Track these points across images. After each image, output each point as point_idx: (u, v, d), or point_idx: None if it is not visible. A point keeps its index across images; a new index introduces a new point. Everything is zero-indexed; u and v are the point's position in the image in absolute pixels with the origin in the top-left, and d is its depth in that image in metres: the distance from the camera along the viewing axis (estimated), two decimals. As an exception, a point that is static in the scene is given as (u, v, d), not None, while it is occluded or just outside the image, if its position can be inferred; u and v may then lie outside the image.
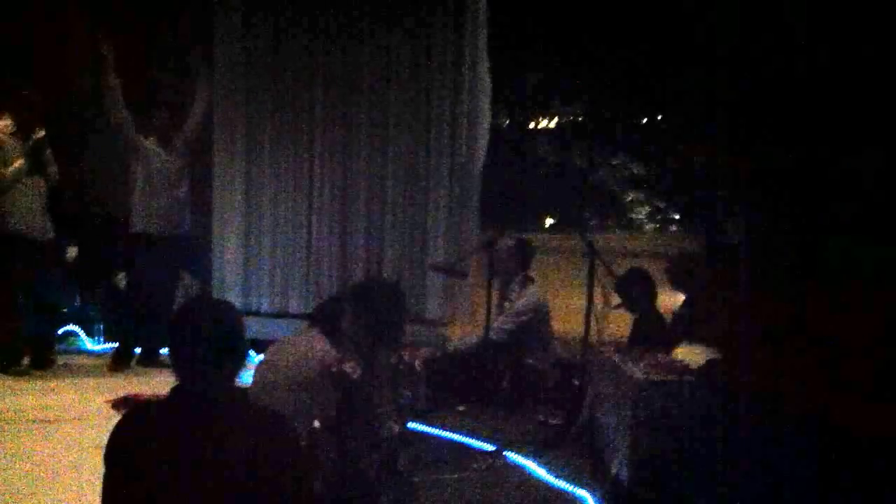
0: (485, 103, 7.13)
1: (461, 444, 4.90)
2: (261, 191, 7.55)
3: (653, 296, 5.42)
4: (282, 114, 7.46)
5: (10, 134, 6.26)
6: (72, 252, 7.48)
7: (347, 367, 3.58)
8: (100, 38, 6.51)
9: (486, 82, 7.09)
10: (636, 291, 5.34)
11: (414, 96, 7.19)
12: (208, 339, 2.31)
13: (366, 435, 3.55)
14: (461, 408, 5.56)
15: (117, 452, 2.33)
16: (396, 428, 3.66)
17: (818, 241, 3.94)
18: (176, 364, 2.36)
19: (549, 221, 9.42)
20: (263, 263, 7.56)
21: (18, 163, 6.20)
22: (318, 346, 4.08)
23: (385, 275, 7.02)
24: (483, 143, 7.14)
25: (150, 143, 6.75)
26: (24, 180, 6.22)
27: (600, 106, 8.98)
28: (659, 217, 9.90)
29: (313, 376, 3.76)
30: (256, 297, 7.53)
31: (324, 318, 4.38)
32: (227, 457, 2.24)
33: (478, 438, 4.93)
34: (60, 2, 7.66)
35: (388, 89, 7.24)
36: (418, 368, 3.70)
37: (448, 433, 5.02)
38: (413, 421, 4.61)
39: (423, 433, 4.95)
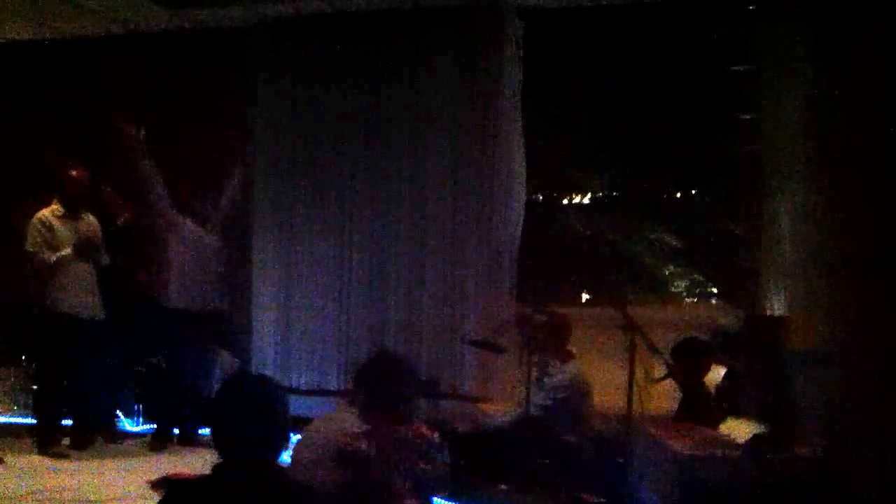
0: (519, 178, 7.17)
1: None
2: (298, 267, 7.62)
3: (707, 369, 5.31)
4: (320, 192, 7.57)
5: (59, 217, 6.37)
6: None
7: (361, 444, 3.55)
8: (128, 123, 6.65)
9: (520, 157, 7.14)
10: (693, 362, 5.23)
11: (449, 172, 7.26)
12: (253, 417, 2.30)
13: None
14: (502, 486, 5.47)
15: (159, 533, 2.32)
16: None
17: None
18: (219, 442, 2.35)
19: (584, 296, 9.38)
20: (301, 340, 7.59)
21: (66, 251, 6.28)
22: (351, 423, 4.06)
23: (422, 352, 7.00)
24: (518, 218, 7.16)
25: (185, 220, 6.83)
26: (73, 262, 6.32)
27: (635, 179, 8.97)
28: (698, 290, 9.81)
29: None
30: (295, 373, 7.55)
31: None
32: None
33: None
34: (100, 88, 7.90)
35: (423, 165, 7.32)
36: (434, 440, 3.62)
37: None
38: (436, 496, 4.51)
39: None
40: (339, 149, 7.53)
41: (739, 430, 4.17)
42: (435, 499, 4.29)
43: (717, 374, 5.33)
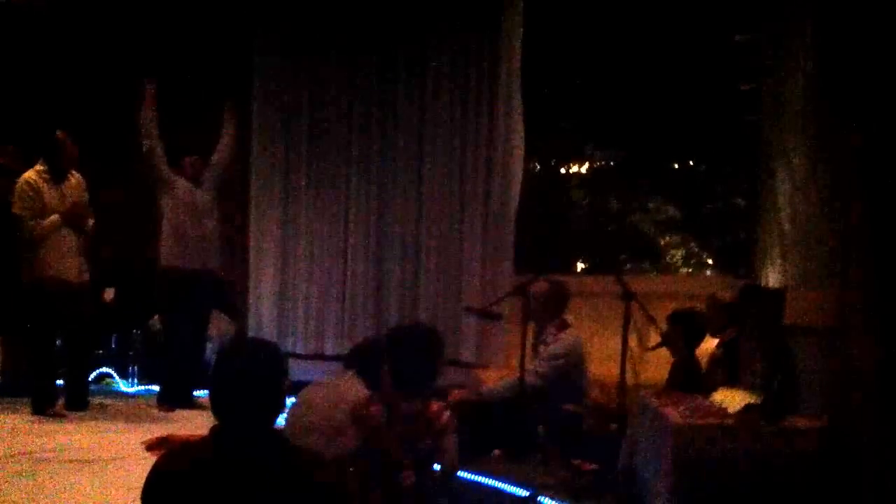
0: (518, 149, 7.14)
1: (495, 490, 4.84)
2: (297, 233, 7.64)
3: (701, 338, 5.31)
4: (318, 158, 7.58)
5: (46, 179, 6.27)
6: (108, 294, 7.55)
7: (373, 409, 3.54)
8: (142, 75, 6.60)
9: (519, 128, 7.11)
10: (689, 333, 5.23)
11: (448, 142, 7.25)
12: (251, 381, 2.30)
13: (382, 482, 3.48)
14: (496, 452, 5.50)
15: (155, 494, 2.32)
16: (412, 477, 3.53)
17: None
18: (217, 405, 2.36)
19: (580, 265, 9.40)
20: (299, 306, 7.62)
21: (54, 217, 6.22)
22: (353, 388, 4.07)
23: (423, 319, 7.01)
24: (517, 187, 7.15)
25: (179, 177, 6.76)
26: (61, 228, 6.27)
27: (634, 150, 8.95)
28: (693, 260, 9.83)
29: (345, 419, 3.73)
30: (292, 338, 7.59)
31: (359, 361, 4.38)
32: (268, 499, 2.23)
33: (512, 484, 4.86)
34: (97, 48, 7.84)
35: (422, 134, 7.31)
36: (447, 420, 3.54)
37: (482, 478, 4.96)
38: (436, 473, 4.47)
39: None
40: (340, 118, 7.51)
41: (733, 399, 4.18)
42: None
43: (712, 343, 5.34)
